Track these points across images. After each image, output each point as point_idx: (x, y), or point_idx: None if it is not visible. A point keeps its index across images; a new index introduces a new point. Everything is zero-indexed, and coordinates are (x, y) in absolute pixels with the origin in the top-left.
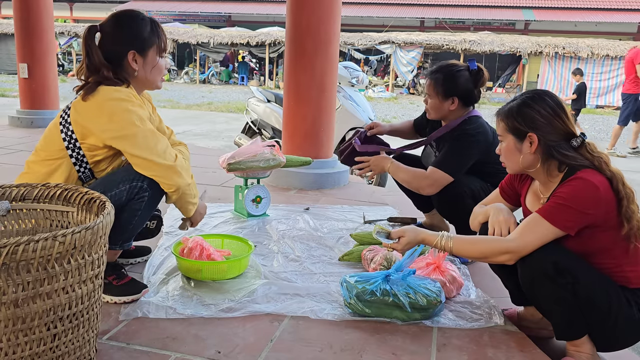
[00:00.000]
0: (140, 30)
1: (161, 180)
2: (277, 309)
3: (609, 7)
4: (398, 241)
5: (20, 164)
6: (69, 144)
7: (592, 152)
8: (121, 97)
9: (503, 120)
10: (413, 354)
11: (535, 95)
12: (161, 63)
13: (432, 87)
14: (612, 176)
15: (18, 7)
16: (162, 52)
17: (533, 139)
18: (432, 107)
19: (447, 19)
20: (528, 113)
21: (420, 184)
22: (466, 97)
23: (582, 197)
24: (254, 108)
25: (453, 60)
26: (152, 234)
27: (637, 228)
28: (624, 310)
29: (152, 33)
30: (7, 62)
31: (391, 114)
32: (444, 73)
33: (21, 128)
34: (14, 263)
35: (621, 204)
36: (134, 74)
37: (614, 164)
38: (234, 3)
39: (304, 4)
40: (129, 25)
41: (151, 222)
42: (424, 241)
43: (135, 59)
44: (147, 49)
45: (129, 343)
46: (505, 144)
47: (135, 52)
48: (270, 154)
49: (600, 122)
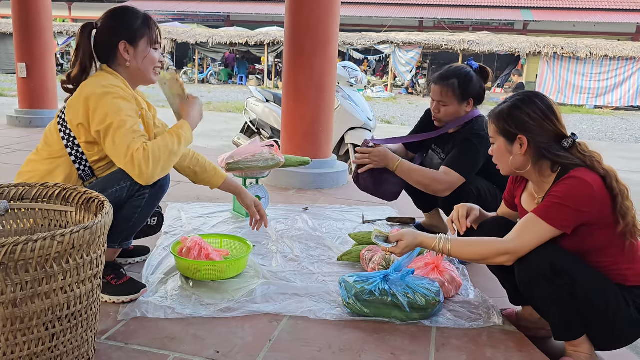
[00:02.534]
0: (131, 21)
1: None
2: (275, 309)
3: (607, 7)
4: (396, 245)
5: (19, 163)
6: (68, 142)
7: (584, 151)
8: (104, 91)
9: (494, 122)
10: (412, 354)
11: (525, 98)
12: (153, 54)
13: (449, 93)
14: (606, 174)
15: (17, 6)
16: (154, 43)
17: (523, 141)
18: (448, 113)
19: (446, 19)
20: (518, 115)
21: (437, 187)
22: (480, 97)
23: (577, 195)
24: (252, 108)
25: (456, 64)
26: (153, 230)
27: (632, 225)
28: (622, 309)
29: (143, 24)
30: (5, 62)
31: (390, 114)
32: (458, 77)
33: (20, 128)
34: (13, 263)
35: (616, 201)
36: (125, 64)
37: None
38: (232, 3)
39: (303, 3)
40: (121, 16)
41: (152, 219)
42: (422, 244)
43: (127, 50)
44: (138, 40)
45: (128, 343)
46: (496, 145)
47: (126, 42)
48: (269, 154)
49: (598, 122)
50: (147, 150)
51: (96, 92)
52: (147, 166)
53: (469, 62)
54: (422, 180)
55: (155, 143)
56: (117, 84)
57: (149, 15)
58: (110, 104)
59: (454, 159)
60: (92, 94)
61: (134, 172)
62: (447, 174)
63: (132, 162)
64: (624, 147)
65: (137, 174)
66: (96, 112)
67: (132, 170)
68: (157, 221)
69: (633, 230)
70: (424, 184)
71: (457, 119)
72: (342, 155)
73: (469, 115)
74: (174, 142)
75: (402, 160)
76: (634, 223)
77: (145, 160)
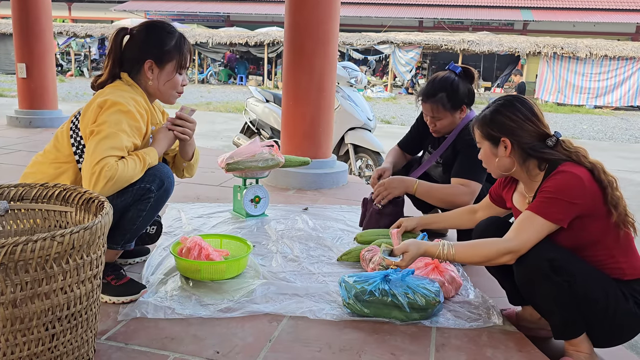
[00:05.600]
0: (164, 40)
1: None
2: (275, 309)
3: (607, 7)
4: (402, 258)
5: (19, 163)
6: (77, 149)
7: (569, 147)
8: (116, 101)
9: (478, 128)
10: (412, 354)
11: (506, 102)
12: (177, 79)
13: (440, 108)
14: (593, 167)
15: (16, 6)
16: (182, 68)
17: (506, 143)
18: (444, 125)
19: (445, 19)
20: (499, 119)
21: (463, 200)
22: (470, 101)
23: (568, 188)
24: (252, 108)
25: (438, 74)
26: (152, 239)
27: (624, 214)
28: (621, 304)
29: (175, 46)
30: (5, 62)
31: (390, 114)
32: (444, 90)
33: (20, 128)
34: (12, 263)
35: (606, 192)
36: (147, 82)
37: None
38: (232, 3)
39: (302, 4)
40: (154, 33)
41: (151, 227)
42: (427, 253)
43: (152, 69)
44: (166, 62)
45: (128, 343)
46: (483, 150)
47: (153, 61)
48: (269, 154)
49: (598, 122)
50: (115, 172)
51: (109, 100)
52: (104, 185)
53: (451, 66)
54: (445, 197)
55: (125, 169)
56: (133, 97)
57: (184, 36)
58: (114, 113)
59: (464, 168)
60: (105, 101)
61: (90, 182)
62: (466, 185)
63: (96, 174)
64: (624, 147)
65: (90, 185)
66: (100, 115)
67: (89, 180)
68: (156, 230)
69: (625, 219)
70: (448, 201)
71: (455, 127)
72: (341, 155)
73: (465, 119)
74: (136, 169)
75: (419, 181)
76: (625, 213)
77: (104, 178)
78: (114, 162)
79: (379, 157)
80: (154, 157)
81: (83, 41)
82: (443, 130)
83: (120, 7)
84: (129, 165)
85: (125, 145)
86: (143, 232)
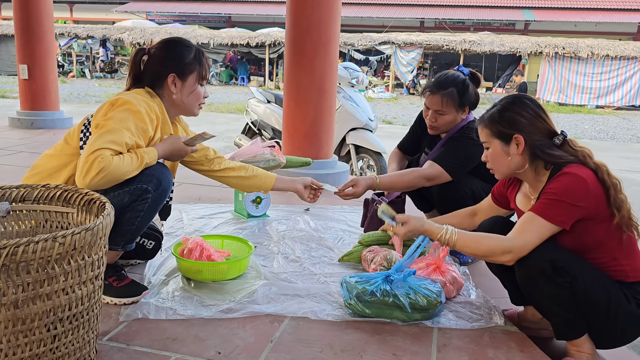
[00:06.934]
0: (184, 54)
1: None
2: (277, 310)
3: (608, 7)
4: (401, 225)
5: (21, 165)
6: (84, 143)
7: (575, 147)
8: (128, 100)
9: (486, 127)
10: (413, 354)
11: (514, 99)
12: (199, 90)
13: (448, 101)
14: (597, 168)
15: (18, 8)
16: (203, 79)
17: (519, 140)
18: (446, 122)
19: (447, 19)
20: (510, 116)
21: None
22: (475, 104)
23: (572, 190)
24: (254, 109)
25: (448, 71)
26: (148, 255)
27: (628, 217)
28: (623, 306)
29: (195, 59)
30: (7, 64)
31: (391, 114)
32: (455, 85)
33: (21, 129)
34: (14, 264)
35: (609, 194)
36: (171, 96)
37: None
38: (233, 4)
39: (304, 4)
40: (173, 49)
41: (149, 242)
42: (427, 232)
43: (175, 82)
44: (188, 74)
45: (129, 344)
46: (491, 149)
47: (175, 75)
48: (270, 155)
49: (600, 122)
50: (109, 164)
51: (121, 99)
52: (94, 175)
53: (460, 68)
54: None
55: (120, 163)
56: (147, 102)
57: (201, 50)
58: (122, 111)
59: (439, 154)
60: (117, 99)
61: (81, 172)
62: (431, 166)
63: (88, 164)
64: (625, 147)
65: (81, 175)
66: (109, 112)
67: (81, 169)
68: (154, 246)
69: (629, 222)
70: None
71: (454, 126)
72: (343, 156)
73: (463, 122)
74: (132, 165)
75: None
76: (629, 215)
77: (96, 169)
78: (109, 154)
79: (380, 158)
80: (152, 156)
81: (85, 42)
82: (442, 127)
83: (121, 8)
84: (124, 160)
85: (126, 142)
86: (139, 247)
